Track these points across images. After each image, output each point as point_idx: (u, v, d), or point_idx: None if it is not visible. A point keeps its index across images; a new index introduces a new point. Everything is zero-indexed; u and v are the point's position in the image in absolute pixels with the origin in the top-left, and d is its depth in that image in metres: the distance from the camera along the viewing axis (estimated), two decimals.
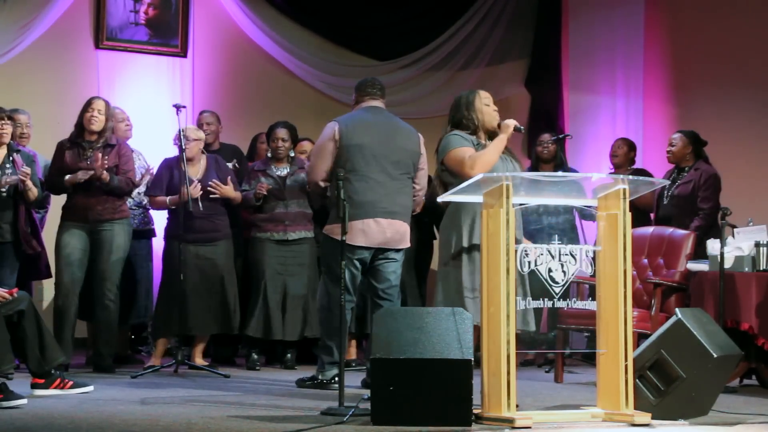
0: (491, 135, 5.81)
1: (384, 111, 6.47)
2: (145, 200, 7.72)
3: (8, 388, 5.42)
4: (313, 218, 7.70)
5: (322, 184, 6.34)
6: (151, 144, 8.31)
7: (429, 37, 10.44)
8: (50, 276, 7.41)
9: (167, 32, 9.47)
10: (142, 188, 7.67)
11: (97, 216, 7.10)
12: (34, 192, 6.98)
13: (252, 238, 7.72)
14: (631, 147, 8.68)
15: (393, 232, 6.25)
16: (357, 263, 6.24)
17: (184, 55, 9.54)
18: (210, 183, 7.37)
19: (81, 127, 7.15)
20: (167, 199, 7.37)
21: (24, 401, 5.37)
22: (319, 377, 6.37)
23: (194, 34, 9.58)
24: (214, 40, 9.75)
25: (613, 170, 8.56)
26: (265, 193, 7.56)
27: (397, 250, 6.33)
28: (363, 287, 6.49)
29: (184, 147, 7.20)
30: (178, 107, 7.24)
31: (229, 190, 7.45)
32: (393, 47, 10.37)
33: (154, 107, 9.03)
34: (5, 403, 5.31)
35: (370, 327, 7.29)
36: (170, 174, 7.43)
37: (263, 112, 9.13)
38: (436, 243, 8.65)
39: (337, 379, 6.18)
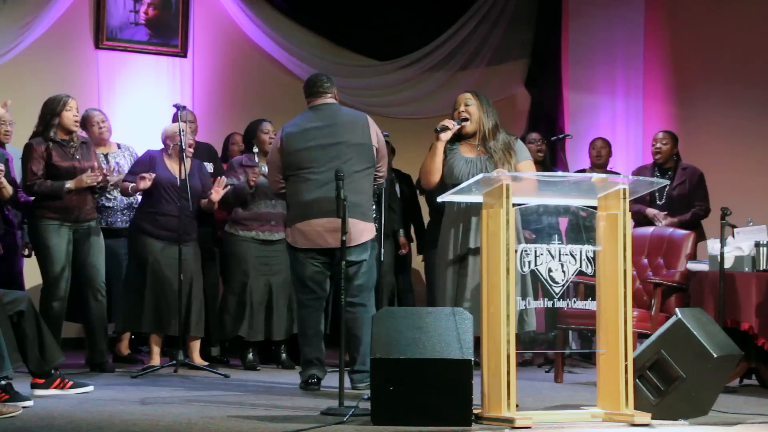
0: (484, 136, 5.82)
1: (329, 107, 6.34)
2: (120, 198, 7.65)
3: (14, 389, 5.42)
4: None
5: (282, 192, 6.41)
6: (151, 144, 8.29)
7: (429, 37, 10.44)
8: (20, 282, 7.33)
9: (167, 32, 9.47)
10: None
11: (85, 215, 7.05)
12: (8, 190, 6.82)
13: (231, 236, 7.58)
14: (610, 147, 8.76)
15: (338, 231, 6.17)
16: (315, 263, 6.23)
17: (184, 55, 9.54)
18: (212, 192, 7.29)
19: (54, 125, 6.97)
20: (129, 186, 7.24)
21: (30, 403, 5.36)
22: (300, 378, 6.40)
23: (194, 34, 9.58)
24: (214, 40, 9.75)
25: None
26: (257, 179, 7.45)
27: (354, 248, 6.13)
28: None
29: (184, 146, 7.18)
30: (178, 107, 7.23)
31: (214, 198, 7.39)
32: (393, 47, 10.38)
33: (154, 107, 9.03)
34: (12, 405, 5.31)
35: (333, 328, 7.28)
36: (151, 166, 7.31)
37: (263, 112, 9.10)
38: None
39: (312, 380, 6.25)
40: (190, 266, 7.30)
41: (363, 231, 6.20)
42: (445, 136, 5.69)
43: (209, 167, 7.80)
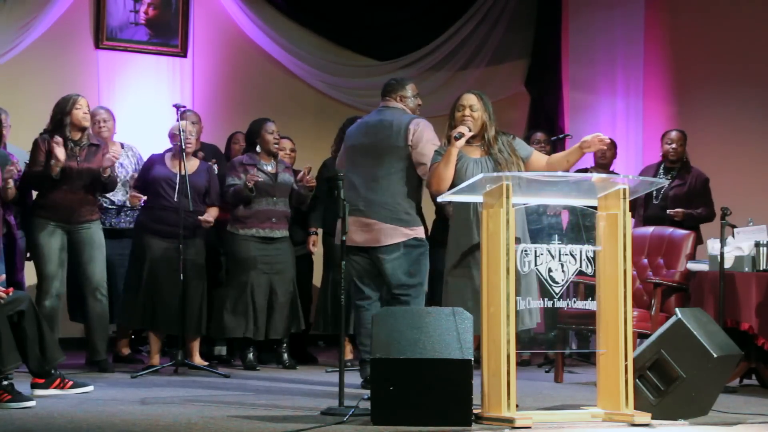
0: (488, 139, 5.78)
1: (382, 110, 6.44)
2: (122, 200, 7.67)
3: (16, 390, 5.42)
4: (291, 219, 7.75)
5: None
6: (151, 144, 8.29)
7: (429, 37, 10.45)
8: None
9: (167, 32, 9.47)
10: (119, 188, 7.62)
11: (81, 217, 7.05)
12: (13, 191, 6.86)
13: (233, 235, 7.54)
14: (615, 148, 8.76)
15: (367, 230, 6.20)
16: (356, 259, 6.25)
17: (184, 55, 9.54)
18: (201, 220, 7.32)
19: (63, 123, 7.01)
20: (140, 196, 7.33)
21: (32, 403, 5.37)
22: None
23: (194, 34, 9.59)
24: (214, 40, 9.76)
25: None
26: (253, 183, 7.42)
27: (383, 248, 6.19)
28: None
29: (184, 146, 7.18)
30: (178, 107, 7.23)
31: (213, 214, 7.44)
32: (393, 47, 10.38)
33: (154, 107, 9.04)
34: (14, 405, 5.31)
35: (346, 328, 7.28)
36: (151, 169, 7.36)
37: (263, 112, 9.10)
38: None
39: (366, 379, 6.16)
40: (192, 264, 7.31)
41: (385, 233, 6.23)
42: (461, 143, 5.65)
43: (214, 168, 7.83)
